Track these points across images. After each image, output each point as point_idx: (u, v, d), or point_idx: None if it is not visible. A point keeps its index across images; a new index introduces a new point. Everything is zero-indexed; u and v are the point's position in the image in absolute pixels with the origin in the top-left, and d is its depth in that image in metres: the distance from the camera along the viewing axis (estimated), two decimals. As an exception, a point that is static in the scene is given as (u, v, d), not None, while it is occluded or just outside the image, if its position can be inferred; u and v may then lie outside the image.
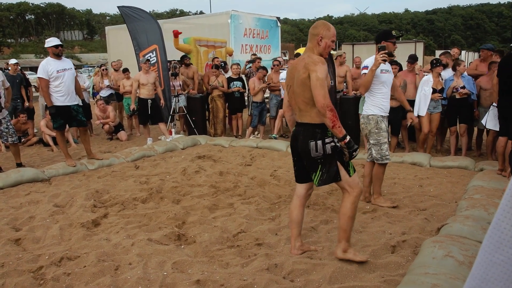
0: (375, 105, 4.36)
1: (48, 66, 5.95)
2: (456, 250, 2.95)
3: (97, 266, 3.13)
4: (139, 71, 8.99)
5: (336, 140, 2.98)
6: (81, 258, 3.30)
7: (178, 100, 9.07)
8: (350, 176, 3.03)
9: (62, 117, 6.13)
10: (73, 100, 6.19)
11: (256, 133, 9.27)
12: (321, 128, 2.96)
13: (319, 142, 2.95)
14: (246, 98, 9.62)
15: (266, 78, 9.60)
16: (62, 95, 6.04)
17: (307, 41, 3.18)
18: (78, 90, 6.44)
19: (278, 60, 9.37)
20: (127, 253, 3.41)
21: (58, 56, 6.06)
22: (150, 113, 8.42)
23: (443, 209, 4.36)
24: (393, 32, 4.41)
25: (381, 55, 4.05)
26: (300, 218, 3.32)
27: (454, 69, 6.73)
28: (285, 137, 9.04)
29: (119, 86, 10.02)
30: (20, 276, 3.06)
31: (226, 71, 9.96)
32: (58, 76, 5.97)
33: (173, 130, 9.09)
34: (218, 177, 5.69)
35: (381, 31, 4.62)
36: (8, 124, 6.29)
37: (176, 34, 10.27)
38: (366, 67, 4.36)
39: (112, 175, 6.00)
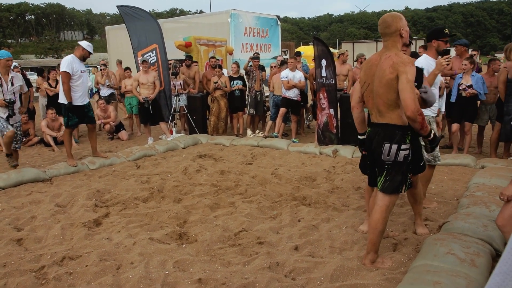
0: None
1: (74, 64, 6.16)
2: (458, 247, 2.95)
3: (99, 266, 3.14)
4: (138, 71, 9.00)
5: (411, 149, 2.91)
6: (83, 258, 3.31)
7: (179, 100, 9.07)
8: (399, 192, 2.96)
9: (78, 115, 6.35)
10: (86, 100, 6.47)
11: (257, 131, 9.27)
12: (402, 130, 2.85)
13: (394, 146, 2.85)
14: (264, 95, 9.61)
15: (267, 77, 9.61)
16: (80, 95, 6.28)
17: (307, 40, 3.11)
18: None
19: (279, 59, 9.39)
20: (128, 252, 3.42)
21: (83, 59, 6.33)
22: (151, 113, 8.42)
23: (445, 206, 4.36)
24: (446, 31, 4.03)
25: (445, 59, 3.78)
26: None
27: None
28: (286, 136, 9.03)
29: (120, 86, 10.04)
30: (22, 275, 3.07)
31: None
32: (80, 76, 6.24)
33: (174, 129, 9.09)
34: (219, 176, 5.69)
35: (433, 28, 4.29)
36: (17, 130, 6.30)
37: (187, 45, 10.65)
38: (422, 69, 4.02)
39: (113, 174, 6.01)
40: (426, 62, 4.05)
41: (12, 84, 5.97)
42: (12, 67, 8.87)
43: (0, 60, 5.89)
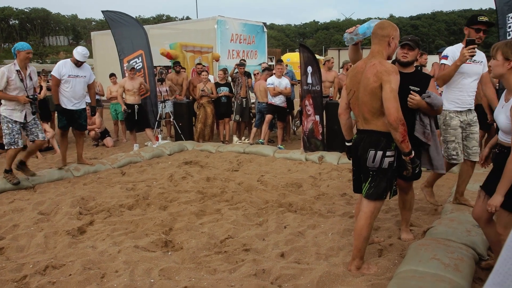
0: (449, 99, 4.00)
1: (63, 68, 6.15)
2: (442, 252, 2.99)
3: (83, 274, 3.09)
4: (123, 77, 8.96)
5: (396, 156, 2.90)
6: (67, 267, 3.26)
7: (165, 106, 9.04)
8: (383, 198, 2.97)
9: (66, 118, 6.33)
10: (79, 105, 6.38)
11: (243, 138, 9.27)
12: (387, 137, 2.85)
13: (379, 153, 2.85)
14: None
15: (252, 83, 9.63)
16: (68, 99, 6.23)
17: (293, 47, 3.12)
18: (93, 95, 6.78)
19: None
20: (113, 260, 3.38)
21: (76, 65, 6.24)
22: (136, 119, 8.37)
23: (429, 212, 4.41)
24: (480, 18, 3.76)
25: (469, 50, 3.61)
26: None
27: None
28: (272, 143, 9.05)
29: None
30: (3, 285, 3.01)
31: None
32: (68, 80, 6.18)
33: (159, 136, 9.04)
34: (205, 183, 5.67)
35: (470, 16, 4.00)
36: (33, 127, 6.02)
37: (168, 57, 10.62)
38: (446, 57, 3.92)
39: (98, 181, 5.94)
40: (451, 50, 3.94)
41: (31, 79, 5.66)
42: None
43: (20, 52, 5.44)
